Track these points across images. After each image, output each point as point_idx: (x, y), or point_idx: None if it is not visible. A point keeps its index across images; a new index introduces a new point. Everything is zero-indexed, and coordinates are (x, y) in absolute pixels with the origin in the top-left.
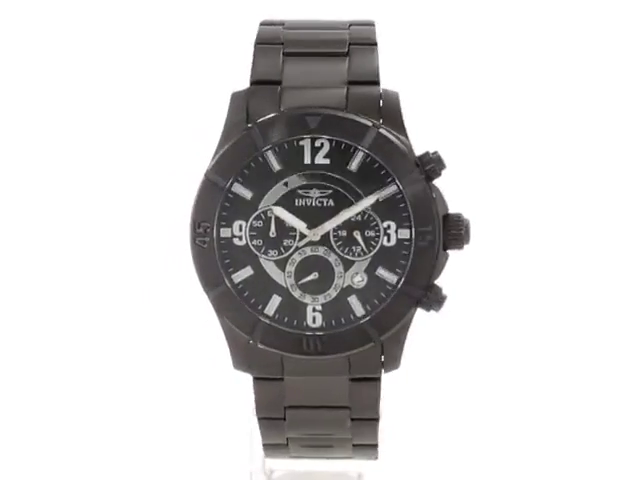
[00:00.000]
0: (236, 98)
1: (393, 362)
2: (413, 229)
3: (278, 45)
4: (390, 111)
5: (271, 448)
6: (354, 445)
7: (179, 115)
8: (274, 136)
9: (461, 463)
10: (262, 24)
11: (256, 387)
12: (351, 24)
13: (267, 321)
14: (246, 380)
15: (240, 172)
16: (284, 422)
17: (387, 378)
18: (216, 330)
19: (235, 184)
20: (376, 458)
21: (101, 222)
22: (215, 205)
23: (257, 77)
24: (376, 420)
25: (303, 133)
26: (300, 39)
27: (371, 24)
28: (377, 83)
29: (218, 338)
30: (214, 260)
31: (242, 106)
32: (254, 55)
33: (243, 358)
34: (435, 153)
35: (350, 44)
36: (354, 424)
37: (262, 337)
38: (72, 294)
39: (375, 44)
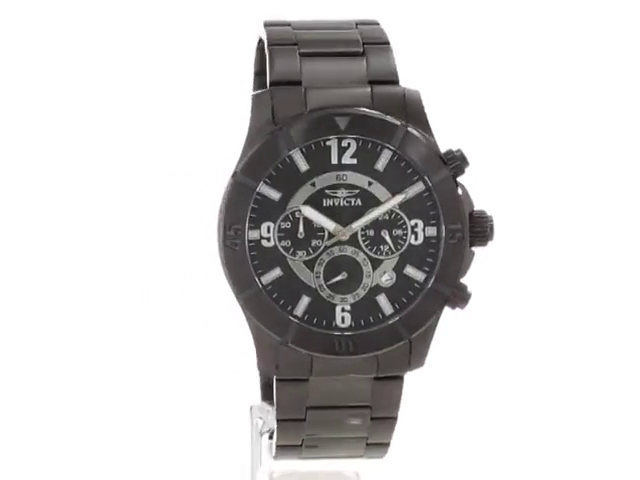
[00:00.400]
0: (259, 99)
1: (419, 360)
2: (443, 227)
3: (292, 46)
4: (414, 110)
5: (284, 449)
6: (367, 444)
7: (183, 115)
8: (303, 137)
9: (458, 461)
10: (268, 25)
11: (280, 389)
12: (357, 23)
13: (297, 322)
14: (247, 381)
15: (268, 173)
16: (304, 423)
17: None
18: (221, 331)
19: (263, 185)
20: (383, 457)
21: (108, 223)
22: (245, 207)
23: (276, 78)
24: (395, 419)
25: (332, 133)
26: (314, 39)
27: (377, 23)
28: (397, 82)
29: (220, 338)
30: (246, 262)
31: (267, 107)
32: (270, 56)
33: (270, 360)
34: (459, 151)
35: (364, 44)
36: (373, 423)
37: (294, 338)
38: (83, 293)
39: (388, 43)
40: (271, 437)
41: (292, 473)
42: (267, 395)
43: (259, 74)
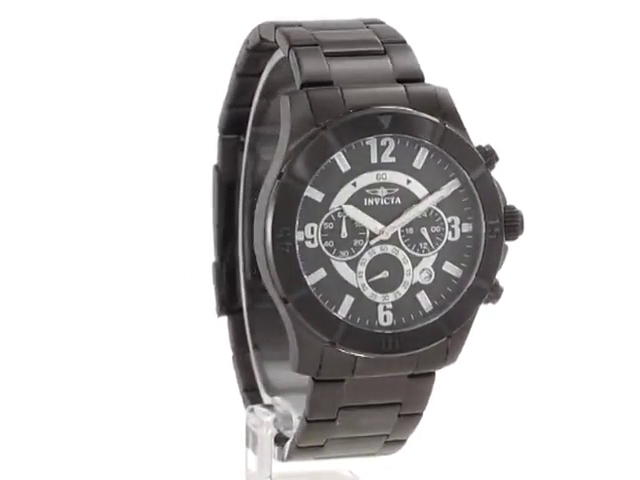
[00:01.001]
0: (297, 100)
1: (453, 357)
2: (481, 223)
3: (314, 46)
4: (448, 108)
5: (303, 450)
6: (386, 442)
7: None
8: (346, 137)
9: (454, 460)
10: (281, 26)
11: (317, 389)
12: (365, 22)
13: (343, 321)
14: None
15: (314, 175)
16: (333, 423)
17: None
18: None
19: (307, 187)
20: (393, 454)
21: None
22: (294, 208)
23: (307, 79)
24: (421, 415)
25: (374, 133)
26: (334, 40)
27: (382, 22)
28: (423, 80)
29: (217, 338)
30: (296, 264)
31: (306, 107)
32: (297, 58)
33: (313, 361)
34: (488, 146)
35: (383, 42)
36: (399, 419)
37: (342, 338)
38: (76, 292)
39: (405, 41)
40: (276, 440)
41: (288, 473)
42: (254, 399)
43: (244, 75)
